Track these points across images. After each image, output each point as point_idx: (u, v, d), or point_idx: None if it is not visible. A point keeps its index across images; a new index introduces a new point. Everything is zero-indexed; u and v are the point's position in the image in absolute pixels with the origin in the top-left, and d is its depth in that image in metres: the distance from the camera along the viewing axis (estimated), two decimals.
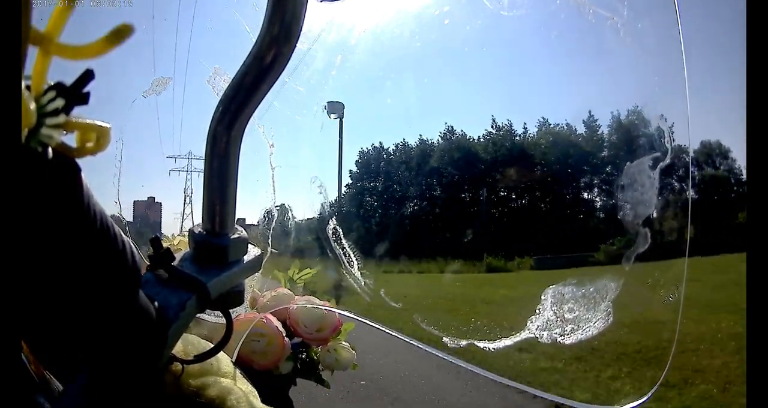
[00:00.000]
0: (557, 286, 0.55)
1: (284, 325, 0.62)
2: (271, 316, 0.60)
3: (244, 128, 0.37)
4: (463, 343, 0.57)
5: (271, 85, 0.36)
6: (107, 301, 0.27)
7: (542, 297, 0.55)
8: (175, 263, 0.36)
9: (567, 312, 0.53)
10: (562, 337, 0.53)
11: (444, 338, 0.61)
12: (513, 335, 0.56)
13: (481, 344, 0.56)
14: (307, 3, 0.34)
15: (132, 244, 0.29)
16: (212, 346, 0.41)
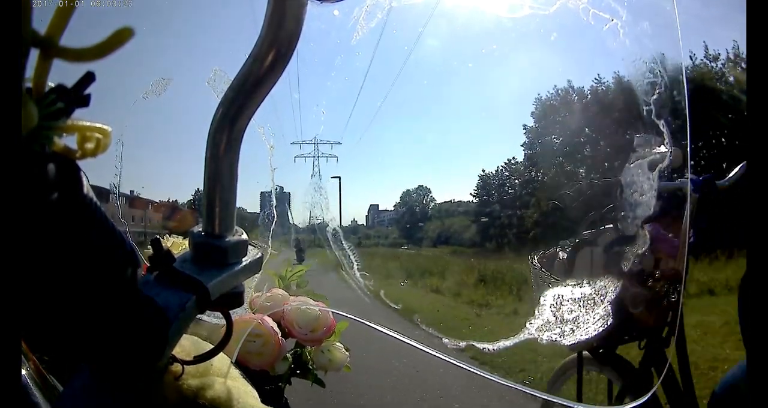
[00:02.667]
0: None
1: (279, 325, 0.62)
2: (267, 317, 0.60)
3: (244, 130, 0.37)
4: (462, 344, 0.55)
5: (271, 87, 0.36)
6: (107, 302, 0.27)
7: None
8: (175, 264, 0.36)
9: None
10: None
11: (444, 339, 0.60)
12: None
13: (480, 345, 0.55)
14: (307, 4, 0.34)
15: (132, 244, 0.29)
16: (212, 346, 0.41)
